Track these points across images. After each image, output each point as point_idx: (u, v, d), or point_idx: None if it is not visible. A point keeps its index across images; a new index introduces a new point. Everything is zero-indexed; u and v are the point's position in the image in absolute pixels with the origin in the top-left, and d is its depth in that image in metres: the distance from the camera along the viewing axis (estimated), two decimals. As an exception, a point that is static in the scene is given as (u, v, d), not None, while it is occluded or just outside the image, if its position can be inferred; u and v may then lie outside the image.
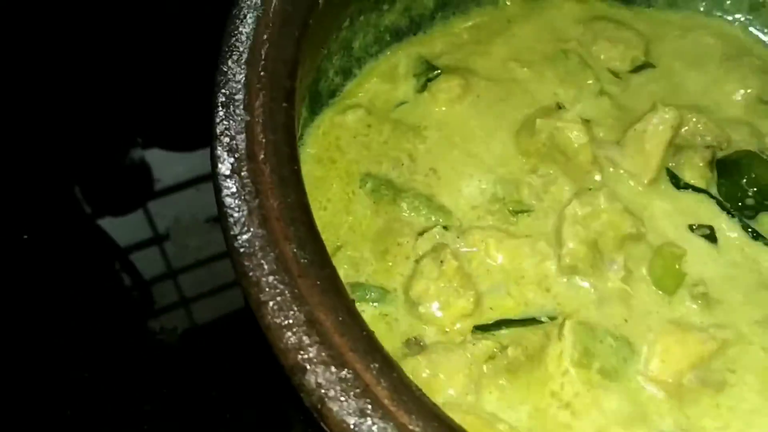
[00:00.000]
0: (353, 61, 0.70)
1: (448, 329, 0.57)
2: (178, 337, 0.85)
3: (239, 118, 0.48)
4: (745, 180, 0.65)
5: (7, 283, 0.85)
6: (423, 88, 0.69)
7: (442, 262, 0.57)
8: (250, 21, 0.53)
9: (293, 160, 0.48)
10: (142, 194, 0.95)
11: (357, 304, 0.54)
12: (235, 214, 0.45)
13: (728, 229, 0.64)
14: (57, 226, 0.91)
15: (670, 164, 0.66)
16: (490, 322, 0.57)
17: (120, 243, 0.92)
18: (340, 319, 0.42)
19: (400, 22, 0.73)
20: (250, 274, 0.43)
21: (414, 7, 0.73)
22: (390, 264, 0.60)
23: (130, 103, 0.96)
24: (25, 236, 0.87)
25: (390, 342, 0.55)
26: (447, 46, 0.73)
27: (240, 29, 0.52)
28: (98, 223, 0.93)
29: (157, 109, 0.99)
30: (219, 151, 0.47)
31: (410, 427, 0.39)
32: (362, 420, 0.39)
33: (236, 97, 0.49)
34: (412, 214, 0.62)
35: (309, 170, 0.64)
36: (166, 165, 0.94)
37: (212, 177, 0.47)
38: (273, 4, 0.53)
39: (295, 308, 0.42)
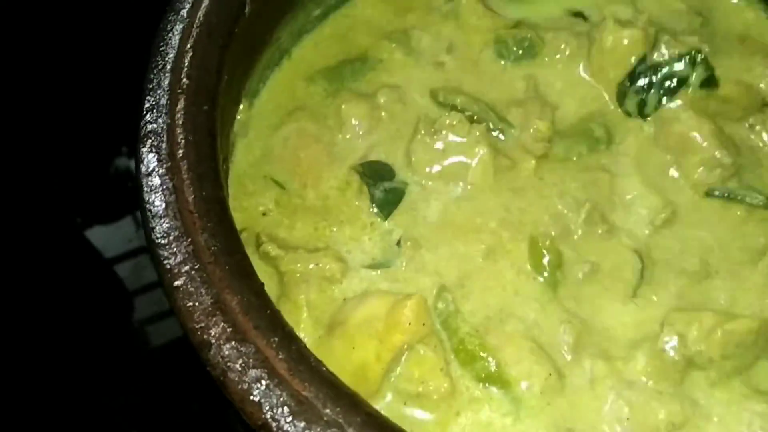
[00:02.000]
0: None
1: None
2: (165, 347, 0.87)
3: (161, 121, 0.52)
4: None
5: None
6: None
7: None
8: (176, 32, 0.57)
9: (212, 158, 0.52)
10: (130, 202, 0.96)
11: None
12: (153, 209, 0.49)
13: None
14: (43, 233, 0.93)
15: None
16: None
17: (109, 250, 0.94)
18: (246, 300, 0.46)
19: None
20: (165, 262, 0.47)
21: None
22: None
23: (115, 113, 0.95)
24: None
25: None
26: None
27: (166, 40, 0.57)
28: (86, 232, 0.96)
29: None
30: (142, 152, 0.52)
31: (303, 393, 0.43)
32: (258, 387, 0.43)
33: (161, 102, 0.54)
34: None
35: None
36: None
37: (135, 175, 0.51)
38: (198, 16, 0.58)
39: (203, 291, 0.46)
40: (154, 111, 0.53)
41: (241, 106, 0.66)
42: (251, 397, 0.43)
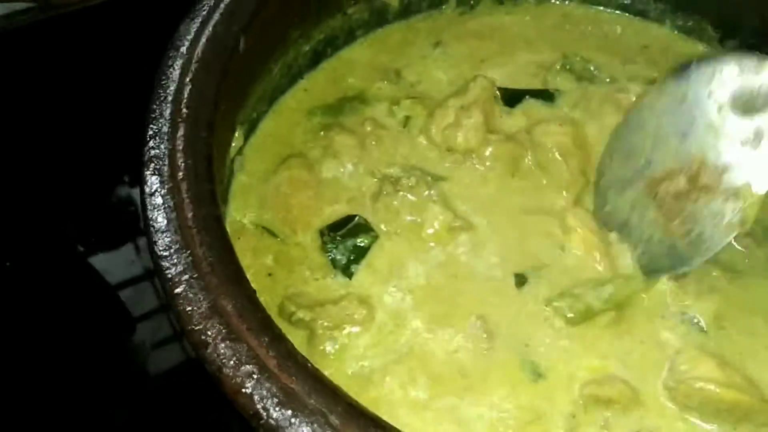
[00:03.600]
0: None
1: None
2: (166, 373, 0.89)
3: (163, 147, 0.58)
4: None
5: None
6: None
7: None
8: (176, 67, 0.63)
9: (209, 180, 0.58)
10: (131, 230, 1.00)
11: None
12: (156, 225, 0.54)
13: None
14: (44, 258, 0.96)
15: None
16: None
17: (110, 278, 0.96)
18: (239, 304, 0.51)
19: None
20: (166, 271, 0.52)
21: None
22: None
23: (116, 144, 0.98)
24: (8, 263, 0.93)
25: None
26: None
27: (168, 74, 0.63)
28: (89, 259, 0.98)
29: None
30: (146, 174, 0.57)
31: (291, 385, 0.48)
32: (250, 381, 0.48)
33: (163, 129, 0.60)
34: None
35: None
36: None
37: (140, 195, 0.57)
38: (196, 53, 0.64)
39: (201, 297, 0.51)
40: (157, 138, 0.59)
41: (236, 134, 0.72)
42: (244, 390, 0.48)
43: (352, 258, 0.69)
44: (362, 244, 0.70)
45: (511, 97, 0.82)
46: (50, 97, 1.04)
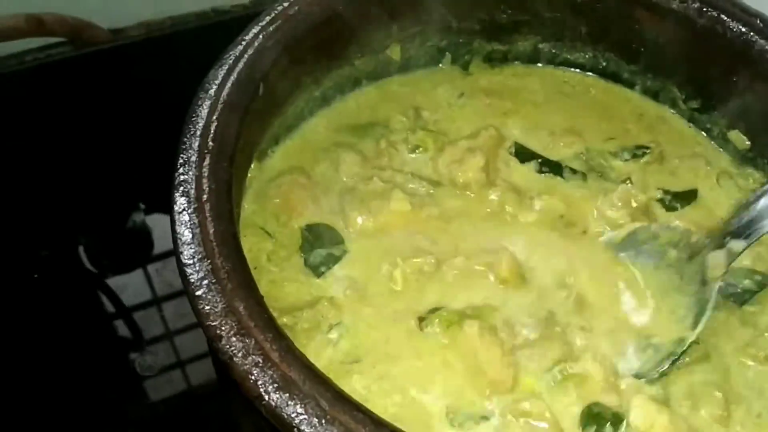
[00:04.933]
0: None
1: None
2: (172, 398, 0.94)
3: (191, 174, 0.69)
4: None
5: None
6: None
7: None
8: (205, 106, 0.74)
9: (228, 202, 0.69)
10: (143, 256, 1.07)
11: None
12: (182, 238, 0.65)
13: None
14: (62, 283, 1.03)
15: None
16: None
17: (122, 302, 1.02)
18: (250, 306, 0.62)
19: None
20: (189, 277, 0.63)
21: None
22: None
23: (135, 171, 1.10)
24: (36, 275, 1.00)
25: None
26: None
27: (197, 112, 0.74)
28: (104, 281, 1.05)
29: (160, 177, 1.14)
30: (176, 196, 0.68)
31: (289, 374, 0.58)
32: (256, 369, 0.58)
33: (192, 159, 0.70)
34: None
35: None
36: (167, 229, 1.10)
37: (170, 213, 0.67)
38: (222, 95, 0.75)
39: (218, 299, 0.61)
40: (186, 166, 0.69)
41: (253, 165, 0.83)
42: (250, 376, 0.58)
43: (324, 261, 0.80)
44: (335, 252, 0.80)
45: (524, 155, 0.92)
46: (77, 127, 1.12)
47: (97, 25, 1.16)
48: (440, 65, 1.02)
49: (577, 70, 1.04)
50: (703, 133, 0.99)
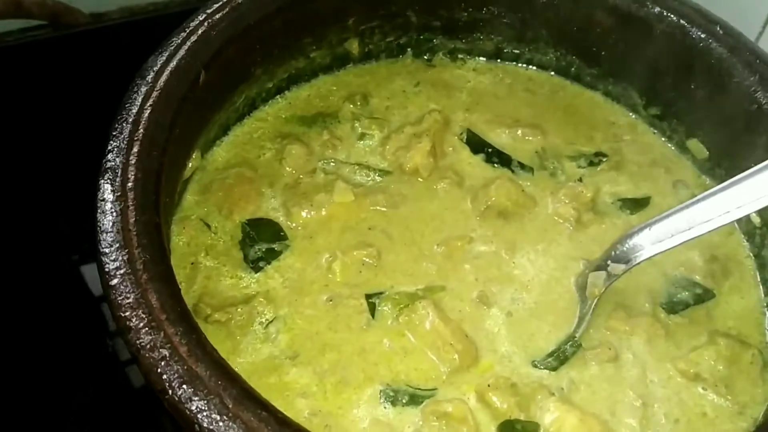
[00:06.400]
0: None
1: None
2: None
3: (118, 161, 0.68)
4: None
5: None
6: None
7: None
8: (140, 93, 0.73)
9: (154, 193, 0.67)
10: None
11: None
12: (102, 225, 0.64)
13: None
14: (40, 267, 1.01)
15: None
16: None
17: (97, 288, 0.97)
18: (163, 299, 0.60)
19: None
20: (105, 267, 0.62)
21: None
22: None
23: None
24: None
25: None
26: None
27: (132, 98, 0.72)
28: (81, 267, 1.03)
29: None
30: (101, 182, 0.67)
31: (195, 369, 0.57)
32: (162, 362, 0.57)
33: (120, 146, 0.69)
34: None
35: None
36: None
37: (94, 200, 0.66)
38: (159, 82, 0.74)
39: (131, 289, 0.60)
40: (115, 152, 0.68)
41: (194, 156, 0.82)
42: (156, 370, 0.57)
43: (263, 256, 0.79)
44: (276, 247, 0.80)
45: (475, 144, 0.91)
46: (54, 108, 1.09)
47: (78, 9, 1.14)
48: (401, 57, 1.01)
49: (543, 70, 1.02)
50: (665, 141, 0.97)
